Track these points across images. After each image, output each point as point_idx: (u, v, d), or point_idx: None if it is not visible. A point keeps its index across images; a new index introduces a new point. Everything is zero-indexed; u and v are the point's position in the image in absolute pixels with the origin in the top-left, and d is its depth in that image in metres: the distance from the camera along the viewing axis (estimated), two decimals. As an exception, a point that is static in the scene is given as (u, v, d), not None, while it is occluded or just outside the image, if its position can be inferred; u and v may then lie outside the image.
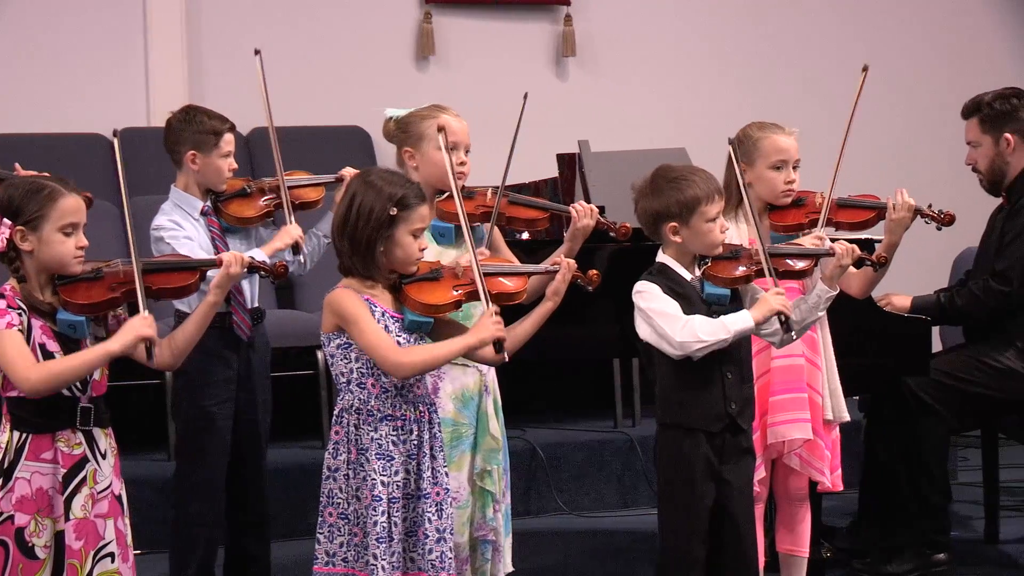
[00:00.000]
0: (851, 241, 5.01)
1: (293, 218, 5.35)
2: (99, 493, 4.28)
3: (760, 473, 5.10)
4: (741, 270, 4.67)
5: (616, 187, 5.89)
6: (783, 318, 4.56)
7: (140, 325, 4.19)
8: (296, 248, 5.29)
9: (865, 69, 5.30)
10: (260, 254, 5.21)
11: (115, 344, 4.19)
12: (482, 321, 4.29)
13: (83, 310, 4.24)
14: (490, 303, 4.31)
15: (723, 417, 4.63)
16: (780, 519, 5.36)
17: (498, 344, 4.26)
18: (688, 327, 4.53)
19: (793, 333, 4.70)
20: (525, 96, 4.86)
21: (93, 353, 4.21)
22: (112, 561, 4.28)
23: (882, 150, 9.18)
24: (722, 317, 4.56)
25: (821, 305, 4.76)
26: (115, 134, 4.45)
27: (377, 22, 8.82)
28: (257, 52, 5.46)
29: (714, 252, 4.66)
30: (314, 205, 5.54)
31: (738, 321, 4.55)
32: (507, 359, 4.29)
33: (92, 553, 4.24)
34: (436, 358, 4.32)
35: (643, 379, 7.62)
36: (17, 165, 5.07)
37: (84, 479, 4.25)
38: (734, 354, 4.64)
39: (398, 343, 4.29)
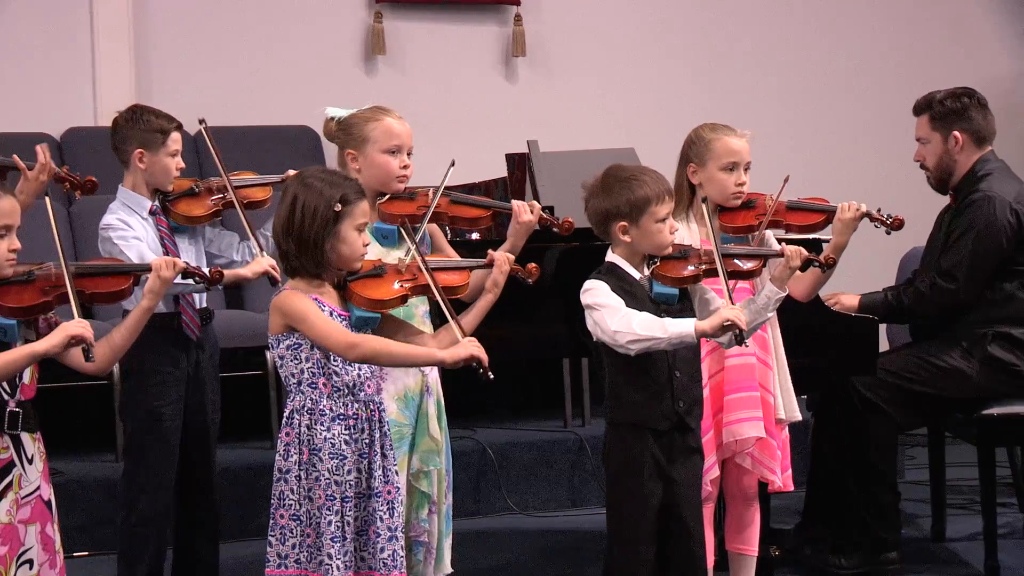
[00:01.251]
0: (799, 242, 5.03)
1: (265, 252, 5.33)
2: (23, 498, 4.20)
3: (713, 472, 5.11)
4: (690, 270, 4.68)
5: (566, 187, 5.89)
6: (736, 331, 4.55)
7: (72, 326, 4.11)
8: (272, 279, 5.25)
9: (786, 180, 5.30)
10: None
11: (42, 345, 4.11)
12: (463, 342, 4.27)
13: (14, 313, 4.17)
14: (458, 320, 4.31)
15: (671, 416, 4.64)
16: (730, 518, 5.37)
17: (480, 365, 4.24)
18: (625, 319, 4.53)
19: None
20: (452, 163, 4.89)
21: (18, 353, 4.12)
22: (31, 568, 4.19)
23: (832, 149, 9.23)
24: (665, 318, 4.56)
25: (770, 306, 4.78)
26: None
27: (327, 22, 8.80)
28: (202, 121, 5.46)
29: (663, 252, 4.67)
30: (262, 205, 5.53)
31: (679, 326, 4.53)
32: (491, 377, 4.24)
33: (15, 559, 4.16)
34: (392, 353, 4.30)
35: (592, 379, 7.64)
36: None
37: (10, 484, 4.16)
38: (683, 353, 4.65)
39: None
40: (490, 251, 4.63)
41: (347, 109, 5.08)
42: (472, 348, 4.24)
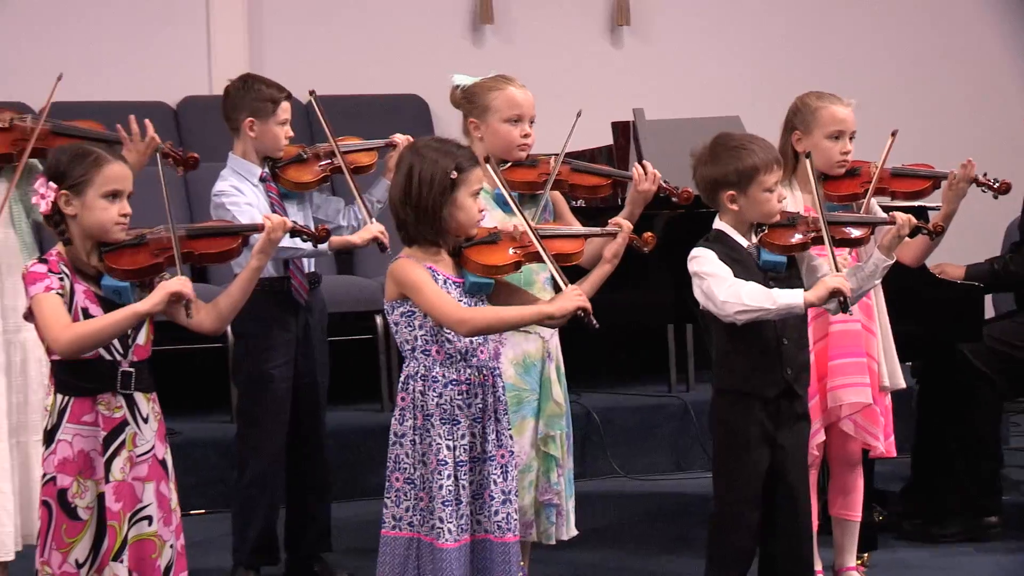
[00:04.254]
0: (906, 209, 5.03)
1: (373, 218, 5.41)
2: (138, 456, 4.25)
3: (819, 437, 5.13)
4: (797, 238, 4.70)
5: (670, 155, 5.90)
6: (842, 299, 4.57)
7: (172, 283, 4.16)
8: (381, 245, 5.33)
9: (894, 134, 5.29)
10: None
11: (145, 304, 4.15)
12: (566, 292, 4.30)
13: (127, 276, 4.23)
14: (568, 282, 4.34)
15: (780, 383, 4.67)
16: (833, 483, 5.38)
17: (585, 315, 4.26)
18: (733, 289, 4.55)
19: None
20: (579, 113, 4.93)
21: (121, 314, 4.16)
22: (149, 524, 4.25)
23: (935, 118, 9.17)
24: (774, 289, 4.59)
25: (877, 274, 4.78)
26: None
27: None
28: (312, 92, 5.60)
29: (771, 220, 4.69)
30: (367, 169, 5.60)
31: (787, 296, 4.55)
32: (597, 326, 4.26)
33: (129, 516, 4.21)
34: (503, 320, 4.36)
35: (697, 345, 7.67)
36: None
37: (123, 442, 4.22)
38: (791, 320, 4.66)
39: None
40: (620, 219, 4.66)
41: (472, 77, 5.12)
42: (576, 299, 4.27)
